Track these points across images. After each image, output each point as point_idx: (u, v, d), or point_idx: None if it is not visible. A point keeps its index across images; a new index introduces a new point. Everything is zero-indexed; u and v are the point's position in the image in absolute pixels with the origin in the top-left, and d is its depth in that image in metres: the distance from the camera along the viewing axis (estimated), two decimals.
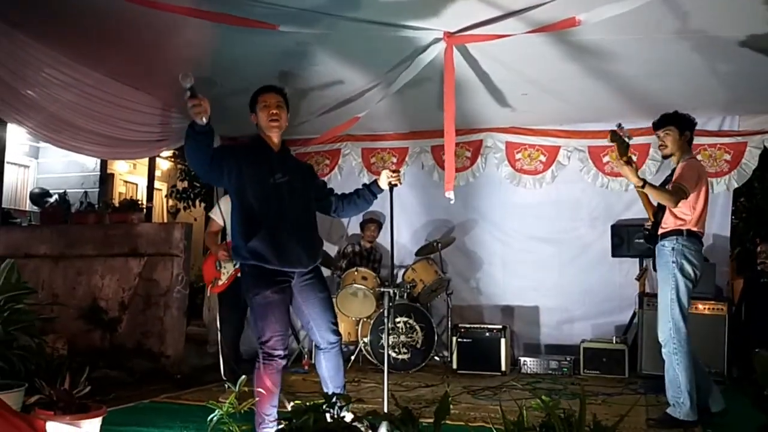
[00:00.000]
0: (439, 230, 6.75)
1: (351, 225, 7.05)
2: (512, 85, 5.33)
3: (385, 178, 3.46)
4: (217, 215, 4.90)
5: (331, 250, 6.85)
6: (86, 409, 2.88)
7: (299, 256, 3.22)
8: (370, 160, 7.04)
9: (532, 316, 6.53)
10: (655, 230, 4.04)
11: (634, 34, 4.27)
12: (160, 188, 11.48)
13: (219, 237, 4.95)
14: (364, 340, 6.00)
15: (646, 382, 5.16)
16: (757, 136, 6.01)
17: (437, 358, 6.15)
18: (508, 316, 6.55)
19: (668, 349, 3.86)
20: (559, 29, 4.03)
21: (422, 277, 6.14)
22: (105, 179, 9.59)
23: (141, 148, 6.14)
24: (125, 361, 5.52)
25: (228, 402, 2.64)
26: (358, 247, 6.69)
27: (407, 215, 6.81)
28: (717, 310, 5.39)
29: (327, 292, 3.40)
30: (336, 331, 3.36)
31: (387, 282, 3.53)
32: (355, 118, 5.60)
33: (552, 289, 6.45)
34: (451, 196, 4.40)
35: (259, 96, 3.34)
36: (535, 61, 4.79)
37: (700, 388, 3.89)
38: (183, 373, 5.61)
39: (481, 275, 6.75)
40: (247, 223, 3.18)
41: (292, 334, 6.52)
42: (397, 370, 5.69)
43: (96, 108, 5.30)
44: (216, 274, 4.80)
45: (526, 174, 6.60)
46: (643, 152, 6.22)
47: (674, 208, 3.85)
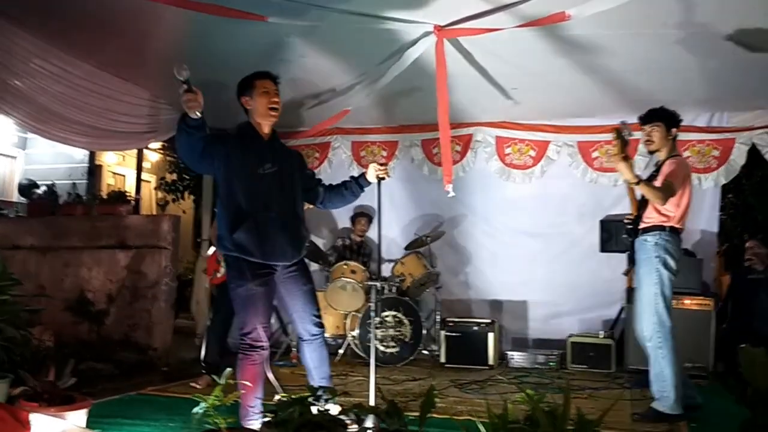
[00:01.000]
0: (429, 224, 6.75)
1: (341, 218, 7.04)
2: (503, 79, 5.32)
3: (372, 172, 3.45)
4: None
5: (320, 244, 6.85)
6: (71, 401, 2.87)
7: (284, 250, 3.21)
8: (360, 153, 7.03)
9: (520, 311, 6.55)
10: (637, 224, 4.05)
11: (624, 29, 4.28)
12: (149, 180, 11.40)
13: None
14: (353, 334, 6.00)
15: (633, 377, 5.20)
16: (745, 132, 6.02)
17: (425, 352, 6.16)
18: (497, 310, 6.56)
19: (653, 344, 3.88)
20: (549, 23, 4.03)
21: (411, 271, 6.15)
22: (93, 171, 9.50)
23: (129, 139, 6.09)
24: (112, 354, 5.50)
25: (213, 394, 2.63)
26: (348, 241, 6.69)
27: (397, 209, 6.82)
28: (704, 305, 5.42)
29: (311, 285, 3.39)
30: (319, 323, 3.37)
31: (375, 276, 3.52)
32: (345, 111, 5.59)
33: (540, 284, 6.47)
34: (450, 189, 4.41)
35: (257, 80, 3.28)
36: (525, 56, 4.79)
37: (686, 384, 3.92)
38: (170, 365, 5.61)
39: (470, 269, 6.76)
40: (232, 214, 3.16)
41: (280, 327, 6.53)
42: (385, 363, 5.69)
43: (84, 99, 5.24)
44: (216, 267, 4.93)
45: (515, 168, 6.61)
46: (633, 148, 6.20)
47: (663, 205, 3.86)
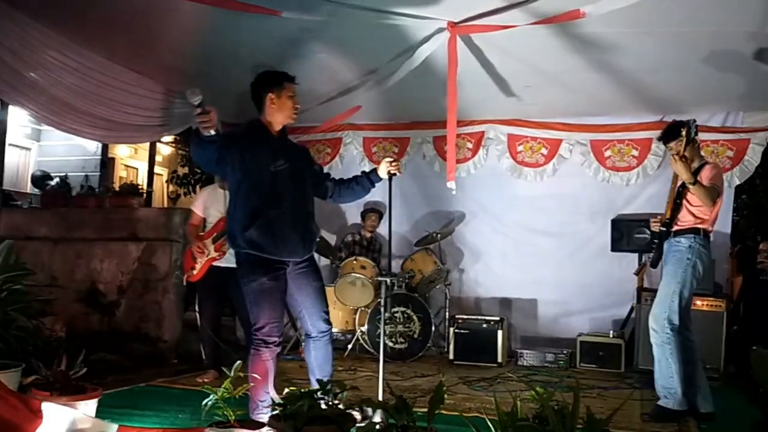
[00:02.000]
0: (439, 221, 6.74)
1: (351, 214, 7.05)
2: (516, 77, 5.30)
3: (384, 167, 3.45)
4: (198, 207, 4.97)
5: (330, 239, 6.85)
6: (82, 391, 2.89)
7: (296, 246, 3.22)
8: (372, 149, 7.02)
9: (530, 309, 6.53)
10: (670, 226, 4.04)
11: (639, 28, 4.25)
12: (161, 173, 11.49)
13: (199, 229, 4.97)
14: (362, 329, 6.01)
15: (642, 377, 5.17)
16: (760, 132, 5.97)
17: (434, 349, 6.16)
18: (506, 308, 6.55)
19: (661, 339, 3.88)
20: (564, 21, 4.01)
21: (421, 268, 6.15)
22: (106, 163, 9.61)
23: (142, 132, 6.12)
24: (123, 345, 5.54)
25: (223, 387, 2.65)
26: (358, 237, 6.69)
27: (408, 206, 6.81)
28: (716, 306, 5.39)
29: (321, 282, 3.40)
30: (327, 321, 3.37)
31: (385, 271, 3.53)
32: (357, 107, 5.59)
33: (550, 283, 6.44)
34: (452, 186, 4.40)
35: (286, 82, 3.30)
36: (539, 53, 4.77)
37: (694, 384, 3.90)
38: (180, 357, 5.63)
39: (480, 267, 6.75)
40: (245, 212, 3.17)
41: (289, 321, 6.55)
42: (394, 359, 5.70)
43: (98, 92, 5.27)
44: (192, 264, 4.89)
45: (527, 166, 6.58)
46: (645, 147, 6.21)
47: (713, 206, 3.87)
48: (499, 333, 5.77)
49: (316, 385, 2.62)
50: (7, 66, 4.55)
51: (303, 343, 5.98)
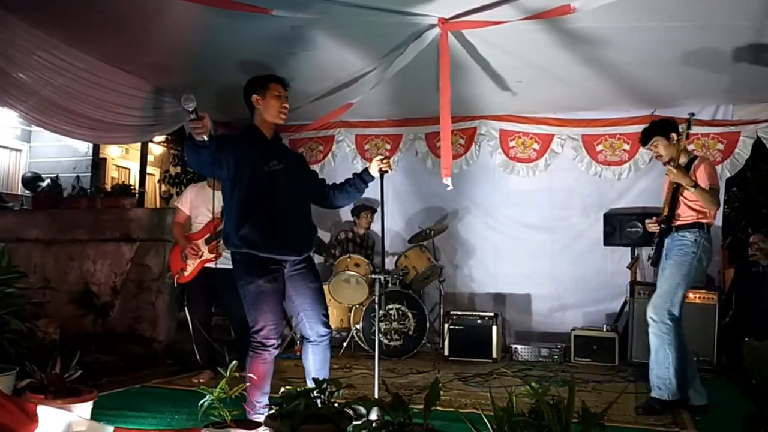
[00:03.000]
0: (433, 218, 6.75)
1: (344, 212, 7.04)
2: (507, 72, 5.31)
3: (375, 165, 3.45)
4: (184, 205, 4.91)
5: (324, 237, 6.85)
6: (77, 393, 2.88)
7: (292, 244, 3.21)
8: (364, 146, 7.02)
9: (524, 304, 6.56)
10: (669, 222, 4.07)
11: (628, 22, 4.26)
12: (153, 173, 11.43)
13: (184, 228, 4.95)
14: (357, 327, 6.01)
15: (636, 370, 5.20)
16: (750, 125, 6.01)
17: (429, 345, 6.17)
18: (500, 303, 6.57)
19: (660, 330, 3.90)
20: (554, 16, 4.02)
21: (415, 264, 6.15)
22: (97, 164, 9.54)
23: (133, 132, 6.07)
24: (117, 346, 5.52)
25: (219, 387, 2.64)
26: (351, 234, 6.69)
27: (401, 202, 6.83)
28: (708, 299, 5.42)
29: (319, 283, 3.38)
30: (327, 324, 3.34)
31: (379, 269, 3.53)
32: (348, 104, 5.58)
33: (544, 277, 6.48)
34: (448, 182, 4.41)
35: (271, 83, 3.31)
36: (530, 48, 4.77)
37: (686, 377, 3.93)
38: (175, 358, 5.61)
39: (474, 263, 6.77)
40: (240, 211, 3.16)
41: (284, 320, 6.54)
42: (389, 356, 5.71)
43: (88, 92, 5.24)
44: (182, 265, 4.86)
45: (519, 162, 6.60)
46: (637, 141, 6.16)
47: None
48: (494, 329, 5.79)
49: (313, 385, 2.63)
50: None
51: (298, 342, 6.06)
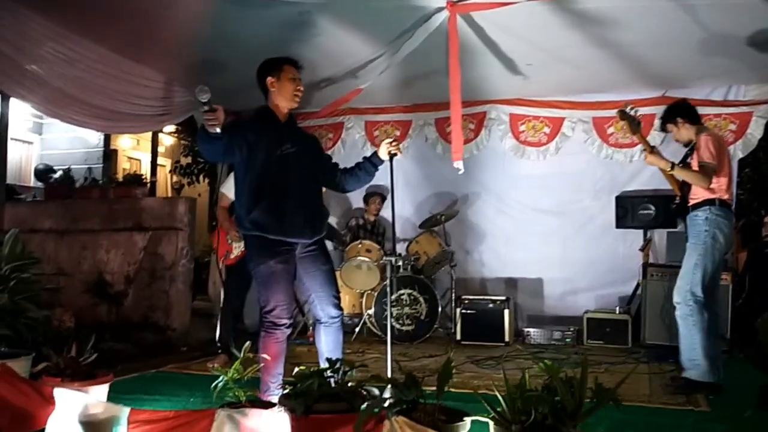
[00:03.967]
0: (443, 203, 6.74)
1: (354, 199, 7.05)
2: (517, 55, 5.28)
3: (384, 149, 3.45)
4: (229, 190, 4.94)
5: (334, 224, 6.86)
6: (93, 376, 2.91)
7: (303, 227, 3.23)
8: (374, 133, 7.02)
9: (535, 288, 6.55)
10: (685, 203, 4.07)
11: (639, 2, 4.23)
12: (164, 164, 11.48)
13: (229, 213, 4.98)
14: (369, 312, 6.03)
15: (650, 351, 5.19)
16: (762, 105, 5.93)
17: (441, 330, 6.18)
18: (512, 288, 6.56)
19: (683, 312, 3.90)
20: None
21: (426, 250, 6.15)
22: (109, 155, 9.60)
23: (145, 122, 6.10)
24: (131, 334, 5.56)
25: (233, 368, 2.66)
26: (361, 221, 6.70)
27: (411, 189, 6.81)
28: (722, 280, 5.37)
29: (330, 265, 3.39)
30: (338, 305, 3.35)
31: (390, 252, 3.53)
32: (358, 90, 5.56)
33: (556, 261, 6.45)
34: (459, 166, 4.39)
35: (286, 65, 3.32)
36: (540, 30, 4.74)
37: (718, 356, 3.93)
38: (189, 345, 5.65)
39: (485, 248, 6.76)
40: (251, 194, 3.18)
41: (296, 306, 6.58)
42: (401, 341, 5.72)
43: (98, 82, 5.27)
44: (228, 248, 4.93)
45: (530, 146, 6.57)
46: (649, 123, 6.14)
47: (708, 186, 3.88)
48: (506, 312, 5.79)
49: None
50: (6, 58, 4.55)
51: (311, 328, 6.08)
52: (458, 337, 5.87)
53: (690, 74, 5.70)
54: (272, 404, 2.67)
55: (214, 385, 2.66)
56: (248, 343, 2.74)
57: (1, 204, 6.53)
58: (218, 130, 2.95)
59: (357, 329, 6.15)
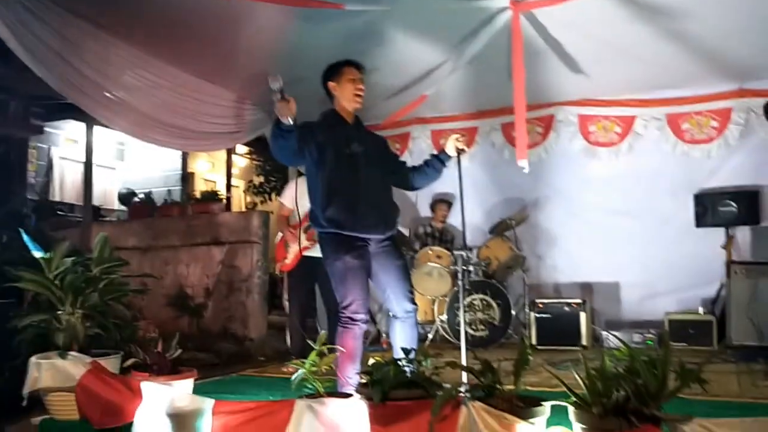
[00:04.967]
0: (512, 209, 6.66)
1: (422, 207, 7.08)
2: (582, 53, 5.20)
3: (451, 144, 3.47)
4: (286, 199, 5.08)
5: (404, 232, 6.88)
6: (178, 371, 3.03)
7: (376, 223, 3.28)
8: (440, 141, 7.02)
9: (612, 293, 6.36)
10: None
11: None
12: (238, 185, 11.84)
13: (288, 220, 5.09)
14: (441, 318, 6.01)
15: (737, 352, 4.95)
16: None
17: (515, 336, 6.08)
18: (587, 293, 6.38)
19: None
20: None
21: (497, 255, 6.10)
22: (186, 177, 10.02)
23: (218, 139, 6.31)
24: (212, 345, 5.76)
25: (310, 360, 2.72)
26: (429, 228, 6.71)
27: (479, 195, 6.76)
28: None
29: (404, 261, 3.43)
30: (412, 300, 3.38)
31: (461, 247, 3.52)
32: (423, 97, 5.62)
33: (632, 264, 6.24)
34: (524, 165, 4.35)
35: (345, 67, 3.41)
36: (605, 25, 4.65)
37: None
38: (266, 355, 5.78)
39: (557, 252, 6.63)
40: (324, 193, 3.26)
41: (369, 316, 6.62)
42: (475, 346, 5.64)
43: (176, 102, 5.51)
44: (284, 254, 5.03)
45: (600, 146, 6.43)
46: (725, 117, 5.96)
47: None
48: (582, 315, 5.66)
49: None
50: (90, 82, 4.82)
51: (384, 335, 6.11)
52: (533, 342, 5.76)
53: (766, 64, 5.48)
54: (350, 395, 2.71)
55: (294, 378, 2.72)
56: (323, 332, 2.79)
57: (88, 224, 6.91)
58: (290, 121, 3.03)
59: (430, 336, 6.13)
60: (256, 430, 2.60)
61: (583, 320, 5.64)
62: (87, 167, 7.21)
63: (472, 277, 5.95)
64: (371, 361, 2.63)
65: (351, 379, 3.14)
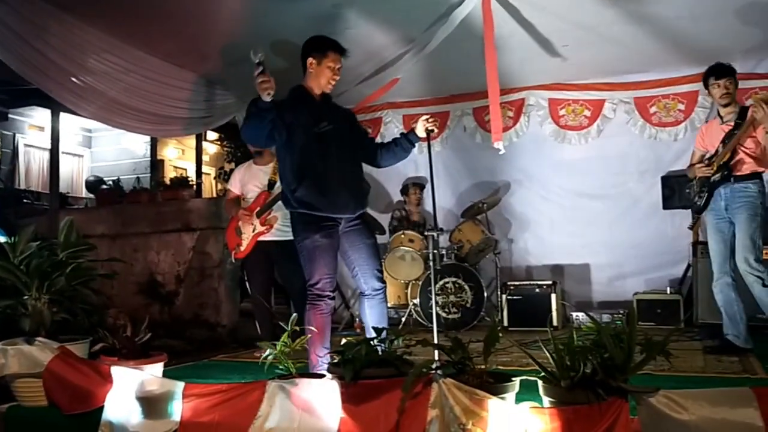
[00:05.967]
0: (484, 193, 6.69)
1: (394, 192, 7.07)
2: (553, 35, 5.23)
3: (421, 125, 3.47)
4: (234, 185, 5.02)
5: (378, 218, 6.88)
6: (148, 355, 3.00)
7: (346, 202, 3.28)
8: (411, 125, 7.01)
9: (582, 274, 6.46)
10: (729, 171, 4.07)
11: None
12: (208, 173, 11.71)
13: (236, 203, 5.02)
14: (414, 302, 6.04)
15: (703, 330, 5.05)
16: None
17: (487, 319, 6.13)
18: (558, 275, 6.47)
19: (757, 273, 3.91)
20: None
21: (469, 238, 6.12)
22: (155, 165, 9.86)
23: (188, 124, 6.22)
24: (183, 332, 5.70)
25: (281, 341, 2.71)
26: (404, 212, 6.72)
27: (451, 179, 6.81)
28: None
29: (374, 239, 3.43)
30: (381, 279, 3.40)
31: (431, 226, 3.53)
32: (395, 80, 5.60)
33: (602, 246, 6.35)
34: (500, 146, 4.38)
35: (330, 51, 3.34)
36: (575, 8, 4.69)
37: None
38: (239, 341, 5.74)
39: (529, 235, 6.70)
40: (294, 173, 3.24)
41: (342, 302, 6.65)
42: (448, 329, 5.68)
43: (143, 86, 5.42)
44: (238, 241, 4.93)
45: (570, 130, 6.50)
46: (692, 100, 6.06)
47: None
48: (553, 296, 5.72)
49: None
50: (55, 66, 4.72)
51: (357, 320, 6.12)
52: (505, 323, 5.81)
53: (732, 47, 5.54)
54: (322, 375, 2.71)
55: (264, 357, 2.71)
56: (294, 315, 2.79)
57: (55, 212, 6.79)
58: (269, 97, 3.00)
59: (403, 320, 6.15)
60: (228, 412, 2.58)
61: (554, 302, 5.70)
62: (53, 154, 7.08)
63: (445, 260, 5.98)
64: (342, 341, 2.63)
65: (322, 357, 3.15)
